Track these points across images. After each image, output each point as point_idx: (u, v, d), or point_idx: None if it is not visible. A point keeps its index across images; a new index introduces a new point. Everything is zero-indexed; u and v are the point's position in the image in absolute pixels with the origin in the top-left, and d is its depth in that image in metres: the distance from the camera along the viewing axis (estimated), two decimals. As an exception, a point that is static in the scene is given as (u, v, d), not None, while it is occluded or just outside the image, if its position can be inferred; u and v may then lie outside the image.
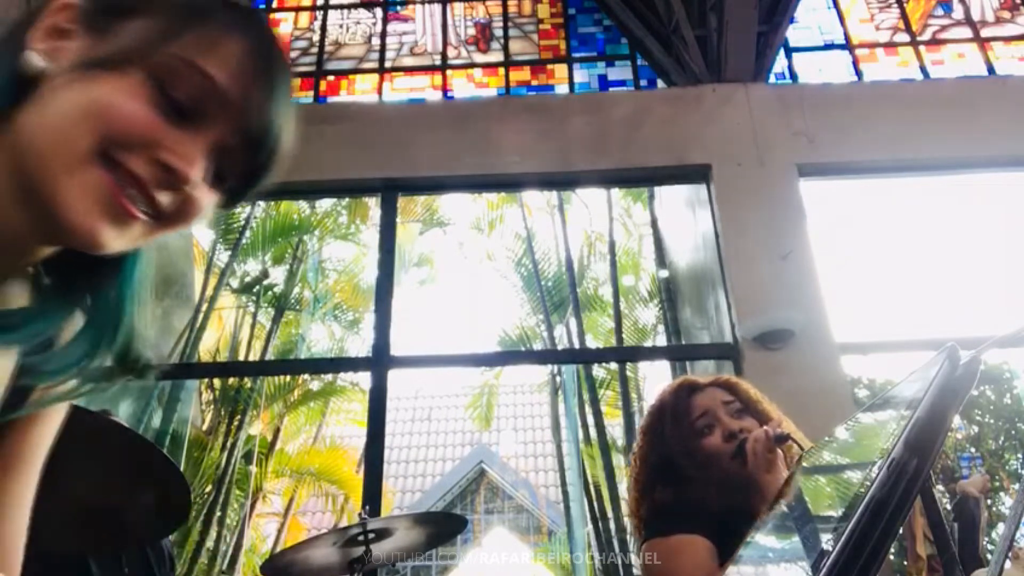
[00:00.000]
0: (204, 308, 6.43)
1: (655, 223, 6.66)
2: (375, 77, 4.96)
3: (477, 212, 8.90)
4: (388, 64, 5.01)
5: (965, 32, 4.91)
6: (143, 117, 0.55)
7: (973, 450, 6.94)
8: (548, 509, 10.67)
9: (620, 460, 7.28)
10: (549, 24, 5.12)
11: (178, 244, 5.26)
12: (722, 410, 1.52)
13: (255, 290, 7.77)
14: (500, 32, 5.12)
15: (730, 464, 1.44)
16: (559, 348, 7.88)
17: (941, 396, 0.54)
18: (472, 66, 5.02)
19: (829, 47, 4.91)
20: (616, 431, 7.70)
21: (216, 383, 7.33)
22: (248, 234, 6.96)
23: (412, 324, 14.74)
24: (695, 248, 4.78)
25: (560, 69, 4.91)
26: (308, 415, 8.76)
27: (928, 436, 0.52)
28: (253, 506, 7.66)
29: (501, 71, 4.96)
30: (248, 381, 7.24)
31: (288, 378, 7.97)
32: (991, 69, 4.73)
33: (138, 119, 0.55)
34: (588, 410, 7.24)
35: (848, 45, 4.89)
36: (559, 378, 8.13)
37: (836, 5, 5.06)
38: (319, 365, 8.29)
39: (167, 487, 1.73)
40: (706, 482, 1.44)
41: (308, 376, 8.27)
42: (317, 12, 5.28)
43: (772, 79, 4.63)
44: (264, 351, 7.58)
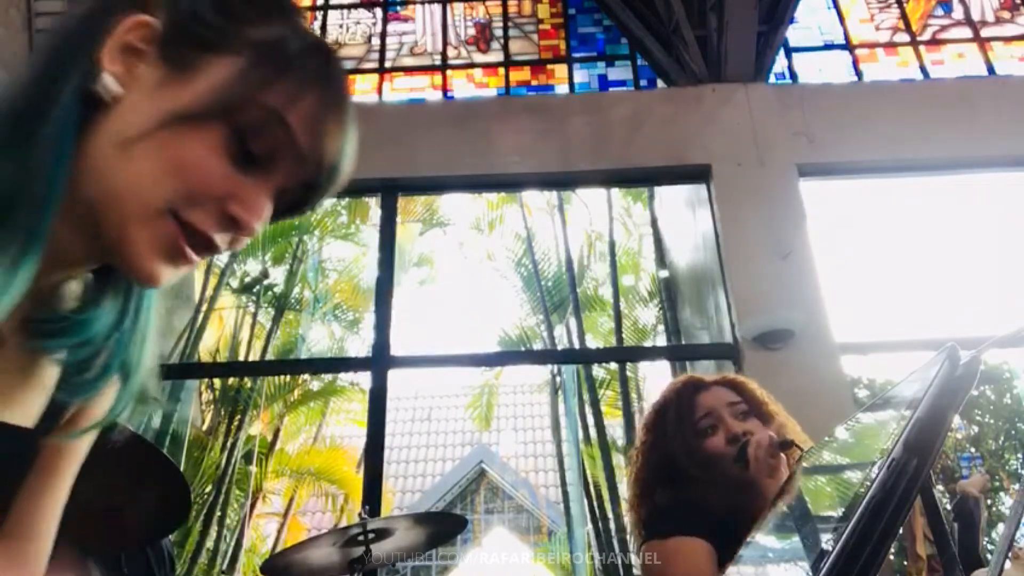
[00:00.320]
0: (204, 308, 6.44)
1: (655, 223, 6.66)
2: (375, 77, 4.96)
3: (477, 212, 8.91)
4: (388, 64, 5.02)
5: (965, 32, 4.91)
6: (223, 176, 0.55)
7: (973, 450, 6.94)
8: (548, 509, 10.67)
9: (620, 460, 7.28)
10: (549, 24, 5.12)
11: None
12: (727, 411, 1.50)
13: (255, 290, 7.77)
14: (500, 32, 5.12)
15: (731, 467, 1.42)
16: (559, 348, 7.88)
17: (941, 396, 0.54)
18: (472, 66, 5.02)
19: (829, 47, 4.91)
20: (616, 431, 7.70)
21: (216, 383, 7.34)
22: (248, 234, 6.95)
23: (412, 324, 14.75)
24: (695, 248, 4.78)
25: (560, 69, 4.91)
26: (308, 415, 8.76)
27: (928, 436, 0.52)
28: (253, 506, 7.65)
29: (501, 71, 4.96)
30: (248, 381, 7.24)
31: (288, 378, 7.97)
32: (991, 69, 4.73)
33: (218, 178, 0.54)
34: (588, 410, 7.25)
35: (848, 45, 4.89)
36: (559, 378, 8.12)
37: (836, 5, 5.06)
38: (319, 365, 8.29)
39: (167, 487, 1.73)
40: (706, 483, 1.43)
41: (308, 376, 8.27)
42: (317, 12, 5.28)
43: (772, 79, 4.63)
44: (264, 351, 7.59)
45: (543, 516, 10.75)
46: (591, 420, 7.15)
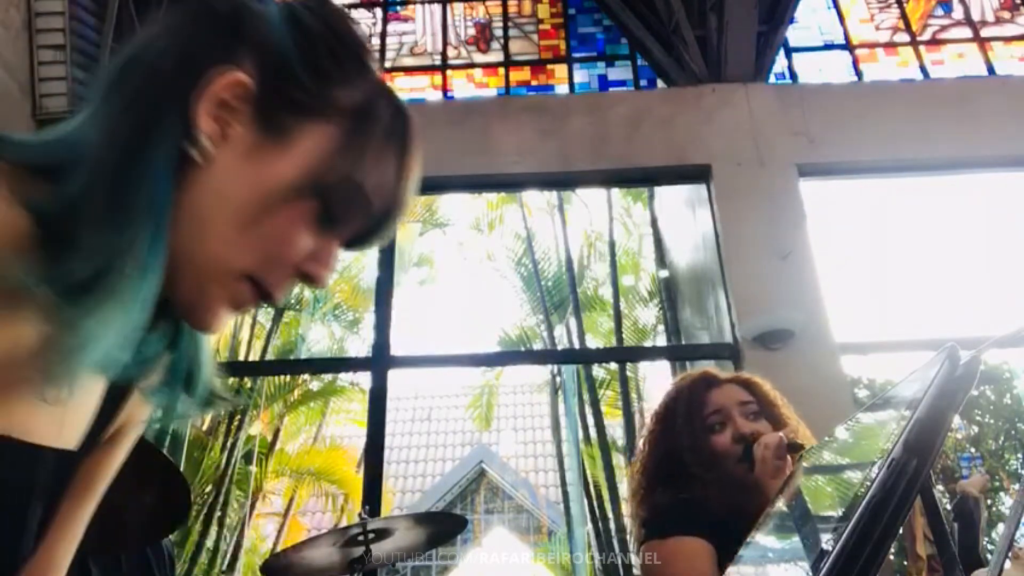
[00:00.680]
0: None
1: (655, 223, 6.67)
2: (375, 77, 4.96)
3: (477, 212, 8.91)
4: (388, 64, 5.01)
5: (965, 32, 4.91)
6: (306, 246, 0.55)
7: (973, 450, 6.94)
8: (548, 509, 10.67)
9: (620, 460, 7.28)
10: (549, 24, 5.12)
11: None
12: (737, 410, 1.50)
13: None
14: (500, 32, 5.12)
15: (736, 467, 1.42)
16: (559, 348, 7.88)
17: (941, 396, 0.54)
18: (472, 66, 5.02)
19: (829, 47, 4.91)
20: (616, 431, 7.71)
21: (216, 383, 7.33)
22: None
23: (412, 324, 14.75)
24: (695, 248, 4.78)
25: (560, 69, 4.91)
26: (308, 415, 8.76)
27: (928, 436, 0.52)
28: (253, 506, 7.66)
29: (501, 71, 4.96)
30: (248, 381, 7.25)
31: (288, 378, 7.97)
32: (991, 69, 4.73)
33: (301, 249, 0.55)
34: (588, 410, 7.25)
35: (848, 45, 4.89)
36: (559, 378, 8.13)
37: (836, 5, 5.06)
38: (319, 365, 8.30)
39: (167, 487, 1.73)
40: (708, 482, 1.42)
41: (308, 376, 8.27)
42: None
43: (772, 79, 4.63)
44: (264, 351, 7.59)
45: (543, 516, 10.75)
46: (591, 420, 7.15)
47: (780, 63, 4.75)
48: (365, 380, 5.52)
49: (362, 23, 5.23)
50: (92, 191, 0.48)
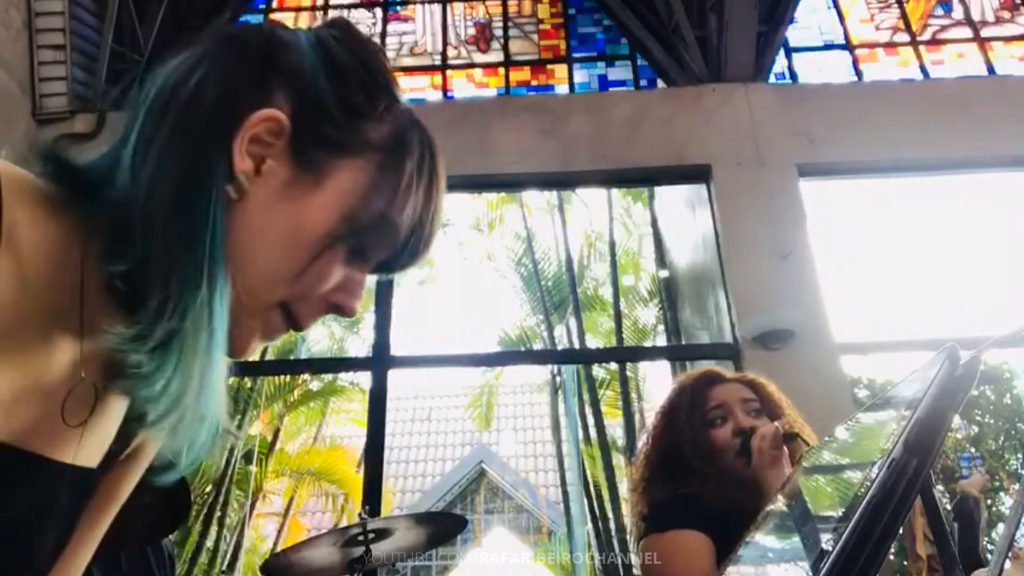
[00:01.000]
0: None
1: (655, 223, 6.67)
2: (375, 77, 4.96)
3: (477, 212, 8.91)
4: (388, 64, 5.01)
5: (965, 32, 4.91)
6: (337, 280, 0.56)
7: (973, 450, 6.95)
8: (548, 509, 10.67)
9: (620, 460, 7.28)
10: (549, 24, 5.12)
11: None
12: (738, 406, 1.51)
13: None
14: (500, 32, 5.12)
15: (733, 460, 1.43)
16: (559, 348, 7.88)
17: (941, 396, 0.54)
18: (472, 66, 5.02)
19: (829, 47, 4.91)
20: (616, 431, 7.71)
21: (216, 383, 7.33)
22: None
23: (412, 324, 14.75)
24: (695, 248, 4.78)
25: (560, 69, 4.91)
26: (308, 415, 8.76)
27: (928, 436, 0.52)
28: (253, 506, 7.66)
29: (501, 71, 4.96)
30: (248, 381, 7.24)
31: (288, 378, 7.97)
32: (991, 69, 4.73)
33: (332, 282, 0.56)
34: (588, 410, 7.25)
35: (848, 45, 4.89)
36: (559, 378, 8.13)
37: (836, 5, 5.06)
38: (319, 365, 8.30)
39: (167, 487, 1.73)
40: (707, 476, 1.44)
41: (308, 376, 8.27)
42: (317, 12, 5.28)
43: (772, 79, 4.63)
44: (264, 351, 7.58)
45: (543, 516, 10.75)
46: (591, 420, 7.15)
47: (780, 63, 4.75)
48: (365, 380, 5.53)
49: (362, 23, 5.23)
50: (150, 240, 0.49)
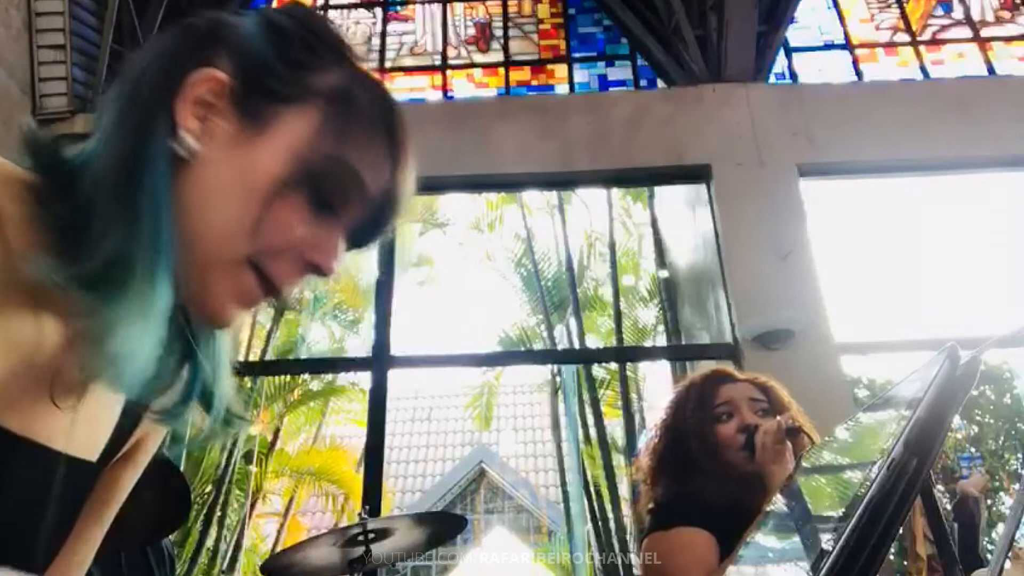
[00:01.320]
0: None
1: (655, 223, 6.67)
2: (375, 77, 4.96)
3: (477, 212, 8.91)
4: (388, 64, 5.01)
5: (965, 32, 4.91)
6: (302, 231, 0.56)
7: (973, 450, 6.95)
8: (548, 509, 10.67)
9: (620, 460, 7.28)
10: (549, 24, 5.12)
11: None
12: (746, 404, 1.52)
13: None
14: (500, 32, 5.12)
15: (737, 456, 1.44)
16: (559, 348, 7.88)
17: (941, 396, 0.54)
18: (472, 66, 5.02)
19: (829, 47, 4.91)
20: (616, 431, 7.71)
21: (216, 383, 7.33)
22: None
23: (412, 324, 14.74)
24: (695, 248, 4.78)
25: (560, 69, 4.91)
26: (308, 415, 8.76)
27: (928, 436, 0.52)
28: (253, 506, 7.66)
29: (501, 71, 4.96)
30: (248, 381, 7.24)
31: (288, 378, 7.97)
32: (991, 69, 4.73)
33: (297, 233, 0.56)
34: (588, 410, 7.25)
35: (848, 45, 4.89)
36: (559, 378, 8.13)
37: (836, 5, 5.06)
38: (319, 365, 8.30)
39: (167, 487, 1.73)
40: (711, 473, 1.44)
41: (308, 376, 8.27)
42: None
43: (772, 79, 4.63)
44: (264, 351, 7.59)
45: (543, 516, 10.75)
46: (591, 420, 7.15)
47: (780, 63, 4.75)
48: (365, 380, 5.52)
49: (362, 23, 5.23)
50: (98, 194, 0.51)
